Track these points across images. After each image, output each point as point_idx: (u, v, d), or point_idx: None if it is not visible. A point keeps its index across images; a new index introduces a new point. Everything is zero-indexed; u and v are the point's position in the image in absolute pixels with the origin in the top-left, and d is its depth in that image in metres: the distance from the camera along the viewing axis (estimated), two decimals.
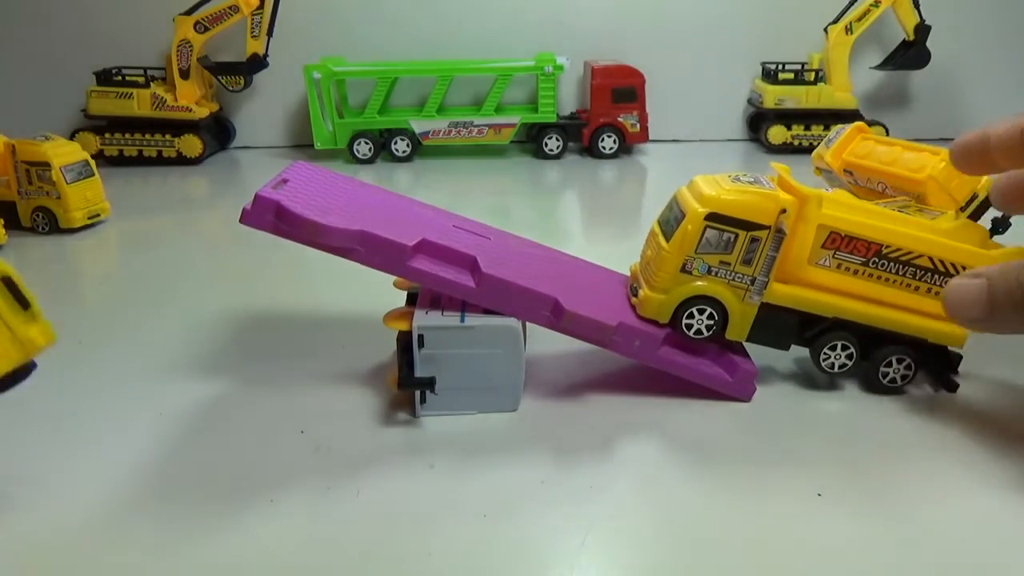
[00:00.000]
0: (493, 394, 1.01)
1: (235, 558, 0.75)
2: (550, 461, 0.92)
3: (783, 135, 2.96)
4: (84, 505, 0.83)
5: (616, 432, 0.99)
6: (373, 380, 1.11)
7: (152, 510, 0.83)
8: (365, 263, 0.97)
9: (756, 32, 3.13)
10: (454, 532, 0.79)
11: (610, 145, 2.89)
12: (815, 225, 1.02)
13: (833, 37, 2.96)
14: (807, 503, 0.85)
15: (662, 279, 1.03)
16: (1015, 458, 0.94)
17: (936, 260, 1.04)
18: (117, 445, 0.95)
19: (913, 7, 2.95)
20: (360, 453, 0.93)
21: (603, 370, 1.15)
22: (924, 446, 0.97)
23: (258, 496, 0.85)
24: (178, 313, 1.36)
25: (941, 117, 3.25)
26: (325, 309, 1.39)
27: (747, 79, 3.18)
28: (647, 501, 0.85)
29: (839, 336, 1.06)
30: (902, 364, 1.07)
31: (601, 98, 2.87)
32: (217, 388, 1.09)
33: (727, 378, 1.06)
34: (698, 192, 1.03)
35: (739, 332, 1.05)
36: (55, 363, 1.15)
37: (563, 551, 0.77)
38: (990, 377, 1.15)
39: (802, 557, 0.77)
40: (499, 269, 0.99)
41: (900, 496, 0.87)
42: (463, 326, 0.97)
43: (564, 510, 0.83)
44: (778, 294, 1.04)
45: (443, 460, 0.92)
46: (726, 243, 1.01)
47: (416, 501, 0.85)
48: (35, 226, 1.88)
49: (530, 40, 3.00)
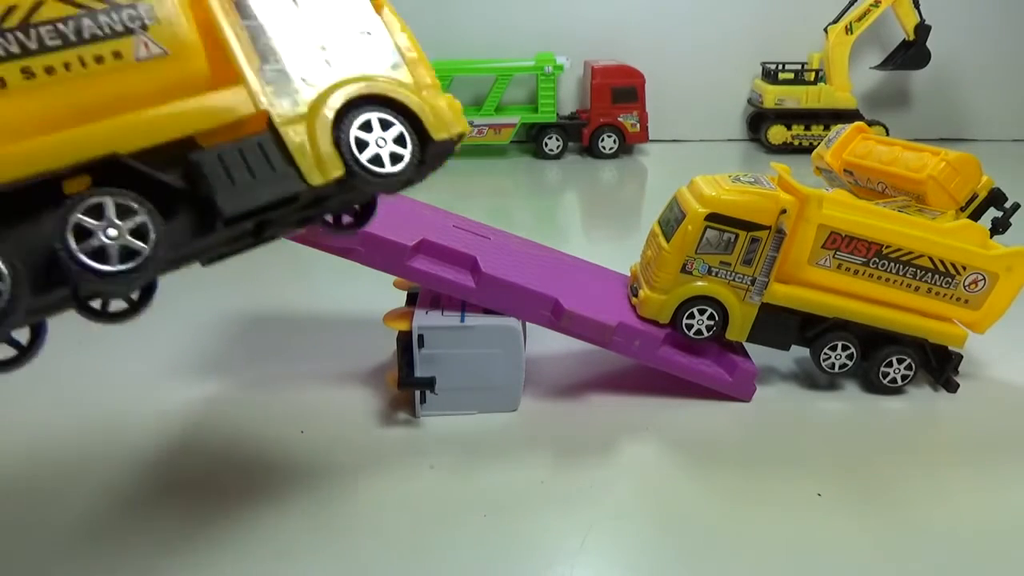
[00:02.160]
0: (493, 394, 1.01)
1: (235, 557, 0.75)
2: (550, 461, 0.92)
3: (783, 135, 2.96)
4: (84, 505, 0.83)
5: (616, 432, 0.99)
6: (373, 380, 1.11)
7: (152, 510, 0.83)
8: (365, 263, 0.97)
9: (756, 32, 3.12)
10: (454, 532, 0.79)
11: (610, 145, 2.89)
12: (815, 225, 1.02)
13: (833, 37, 2.96)
14: (807, 503, 0.85)
15: (662, 279, 1.03)
16: (1015, 458, 0.94)
17: (936, 260, 1.04)
18: (117, 445, 0.95)
19: (913, 7, 2.95)
20: (360, 453, 0.93)
21: (603, 370, 1.15)
22: (924, 446, 0.97)
23: (258, 496, 0.85)
24: (178, 313, 1.36)
25: (941, 117, 3.25)
26: (325, 309, 1.39)
27: (747, 79, 3.18)
28: (647, 501, 0.85)
29: (839, 336, 1.06)
30: (902, 364, 1.07)
31: (601, 98, 2.86)
32: (217, 388, 1.09)
33: (727, 378, 1.06)
34: (698, 192, 1.03)
35: (739, 332, 1.05)
36: (55, 363, 1.16)
37: (563, 551, 0.77)
38: (990, 377, 1.15)
39: (802, 557, 0.77)
40: (499, 269, 0.99)
41: (900, 496, 0.87)
42: (463, 326, 0.97)
43: (564, 510, 0.83)
44: (778, 294, 1.04)
45: (443, 460, 0.92)
46: (726, 243, 1.01)
47: (416, 501, 0.85)
48: None
49: (530, 40, 3.00)
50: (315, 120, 0.58)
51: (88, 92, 0.51)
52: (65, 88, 0.50)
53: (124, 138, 0.51)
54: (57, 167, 0.49)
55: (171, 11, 0.54)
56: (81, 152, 0.50)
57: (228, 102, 0.55)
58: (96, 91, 0.52)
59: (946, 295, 1.06)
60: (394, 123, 0.61)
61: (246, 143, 0.55)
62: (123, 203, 0.50)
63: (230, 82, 0.56)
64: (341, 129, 0.58)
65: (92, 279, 0.48)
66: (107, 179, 0.51)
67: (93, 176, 0.51)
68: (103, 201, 0.49)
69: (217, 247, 0.61)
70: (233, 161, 0.54)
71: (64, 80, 0.50)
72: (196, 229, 0.54)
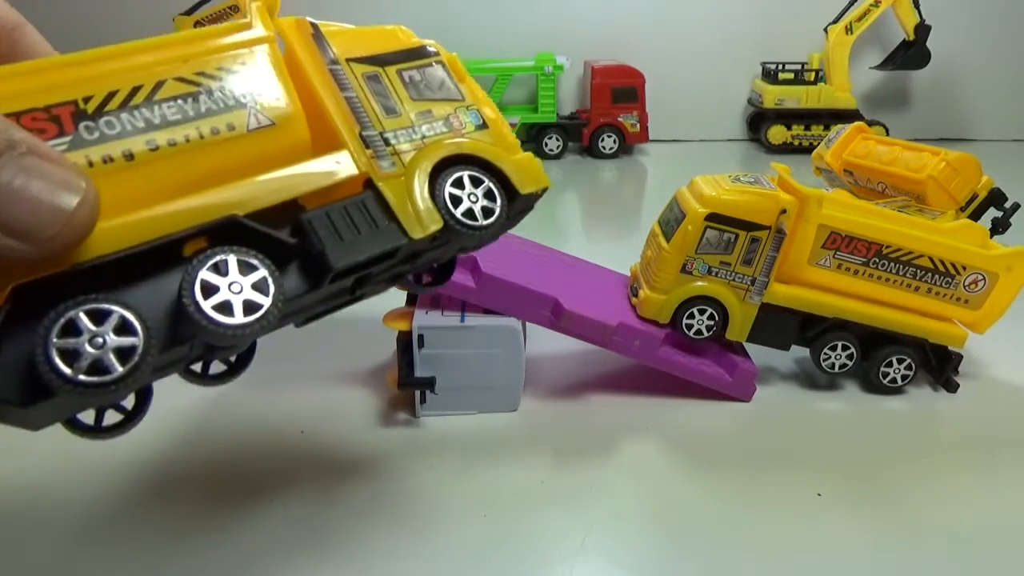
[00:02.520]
0: (493, 394, 1.01)
1: (235, 557, 0.75)
2: (550, 461, 0.92)
3: (783, 135, 2.96)
4: (84, 504, 0.83)
5: (616, 432, 0.99)
6: (373, 380, 1.11)
7: (153, 509, 0.83)
8: None
9: (756, 32, 3.13)
10: (454, 532, 0.79)
11: (610, 145, 2.89)
12: (815, 225, 1.02)
13: (833, 37, 2.97)
14: (807, 503, 0.85)
15: (662, 279, 1.03)
16: (1015, 458, 0.94)
17: (936, 260, 1.04)
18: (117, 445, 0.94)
19: (913, 7, 2.95)
20: (360, 453, 0.93)
21: (603, 370, 1.15)
22: (924, 446, 0.97)
23: (258, 496, 0.85)
24: None
25: (941, 117, 3.25)
26: None
27: (747, 79, 3.18)
28: (647, 501, 0.85)
29: (839, 336, 1.06)
30: (902, 364, 1.07)
31: (601, 98, 2.87)
32: (217, 388, 1.08)
33: (727, 378, 1.06)
34: (698, 192, 1.03)
35: (739, 332, 1.05)
36: None
37: (563, 551, 0.77)
38: (990, 377, 1.15)
39: (802, 556, 0.77)
40: (499, 269, 0.99)
41: (900, 496, 0.87)
42: (463, 326, 0.97)
43: (564, 510, 0.83)
44: (778, 294, 1.04)
45: (443, 460, 0.92)
46: (726, 243, 1.01)
47: (416, 501, 0.85)
48: None
49: (530, 40, 3.00)
50: (412, 179, 0.62)
51: (207, 160, 0.55)
52: (186, 158, 0.54)
53: (240, 201, 0.54)
54: (180, 230, 0.52)
55: (275, 87, 0.58)
56: (203, 215, 0.53)
57: (332, 166, 0.59)
58: (214, 160, 0.55)
59: (946, 295, 1.06)
60: (483, 180, 0.65)
61: (350, 202, 0.59)
62: (244, 260, 0.52)
63: (333, 147, 0.60)
64: (436, 187, 0.62)
65: (219, 330, 0.50)
66: (222, 240, 0.53)
67: (209, 239, 0.54)
68: (227, 258, 0.52)
69: (318, 304, 0.64)
70: (340, 219, 0.58)
71: (185, 151, 0.54)
72: (304, 284, 0.57)
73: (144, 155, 0.52)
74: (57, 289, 0.47)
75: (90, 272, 0.48)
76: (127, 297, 0.49)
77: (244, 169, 0.56)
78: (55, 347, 0.45)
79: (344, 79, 0.63)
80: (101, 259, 0.48)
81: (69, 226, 0.46)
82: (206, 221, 0.53)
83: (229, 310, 0.51)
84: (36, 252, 0.45)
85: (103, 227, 0.49)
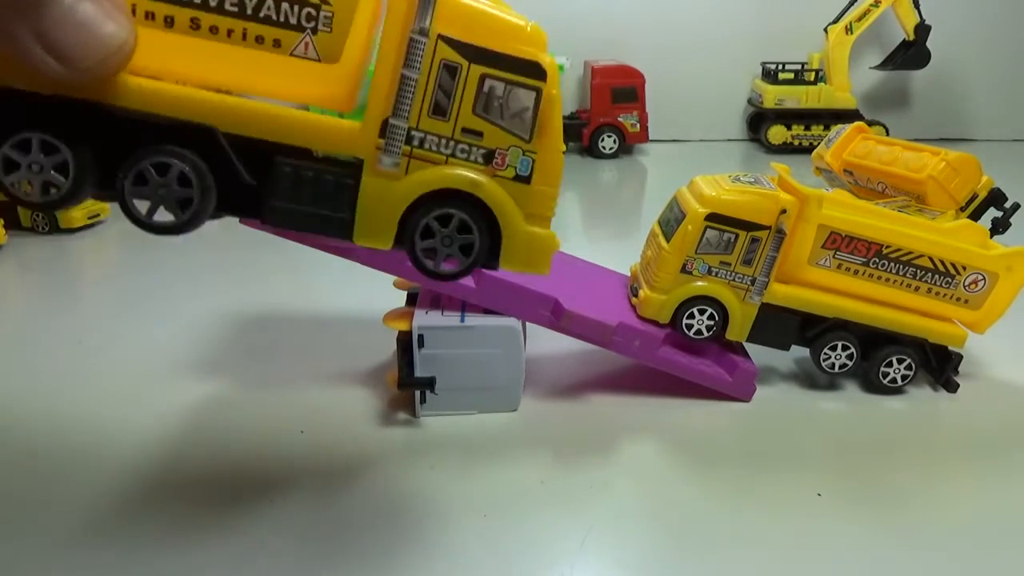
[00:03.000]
0: (493, 394, 1.01)
1: (235, 557, 0.75)
2: (550, 461, 0.92)
3: (783, 135, 2.96)
4: (85, 504, 0.83)
5: (616, 432, 0.99)
6: (373, 380, 1.10)
7: (153, 509, 0.83)
8: (366, 263, 0.97)
9: (756, 32, 3.13)
10: (454, 532, 0.79)
11: (610, 145, 2.89)
12: (815, 225, 1.02)
13: (833, 37, 2.97)
14: (807, 503, 0.85)
15: (662, 279, 1.03)
16: (1015, 458, 0.94)
17: (936, 260, 1.04)
18: (117, 445, 0.95)
19: (913, 7, 2.95)
20: (360, 453, 0.93)
21: (603, 370, 1.15)
22: (924, 446, 0.97)
23: (258, 496, 0.85)
24: (178, 313, 1.36)
25: (941, 117, 3.25)
26: (325, 309, 1.39)
27: (747, 79, 3.18)
28: (647, 501, 0.85)
29: (839, 336, 1.06)
30: (902, 364, 1.07)
31: (601, 98, 2.87)
32: (217, 388, 1.09)
33: (727, 378, 1.06)
34: (698, 192, 1.03)
35: (739, 332, 1.05)
36: (55, 363, 1.16)
37: (563, 551, 0.77)
38: (990, 377, 1.15)
39: (802, 556, 0.77)
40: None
41: (900, 496, 0.87)
42: (463, 326, 0.97)
43: (564, 510, 0.83)
44: (778, 294, 1.04)
45: (443, 460, 0.92)
46: (726, 243, 1.01)
47: (416, 501, 0.85)
48: (35, 226, 1.88)
49: None
50: (400, 190, 0.56)
51: (235, 63, 0.53)
52: (219, 51, 0.53)
53: (236, 121, 0.53)
54: (169, 115, 0.52)
55: (344, 28, 0.54)
56: (193, 112, 0.53)
57: (339, 136, 0.55)
58: (241, 66, 0.53)
59: (946, 295, 1.06)
60: (472, 231, 0.58)
61: (326, 176, 0.55)
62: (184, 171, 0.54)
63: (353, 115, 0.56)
64: (419, 210, 0.56)
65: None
66: (189, 143, 0.53)
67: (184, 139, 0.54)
68: (171, 162, 0.54)
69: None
70: (306, 184, 0.55)
71: (221, 43, 0.53)
72: (236, 205, 0.57)
73: (184, 27, 0.52)
74: (37, 107, 0.51)
75: (57, 104, 0.51)
76: (75, 146, 0.53)
77: (267, 87, 0.54)
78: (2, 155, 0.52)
79: (416, 56, 0.55)
80: (87, 101, 0.51)
81: (104, 63, 0.49)
82: (201, 118, 0.54)
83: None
84: (67, 76, 0.48)
85: (119, 78, 0.51)
